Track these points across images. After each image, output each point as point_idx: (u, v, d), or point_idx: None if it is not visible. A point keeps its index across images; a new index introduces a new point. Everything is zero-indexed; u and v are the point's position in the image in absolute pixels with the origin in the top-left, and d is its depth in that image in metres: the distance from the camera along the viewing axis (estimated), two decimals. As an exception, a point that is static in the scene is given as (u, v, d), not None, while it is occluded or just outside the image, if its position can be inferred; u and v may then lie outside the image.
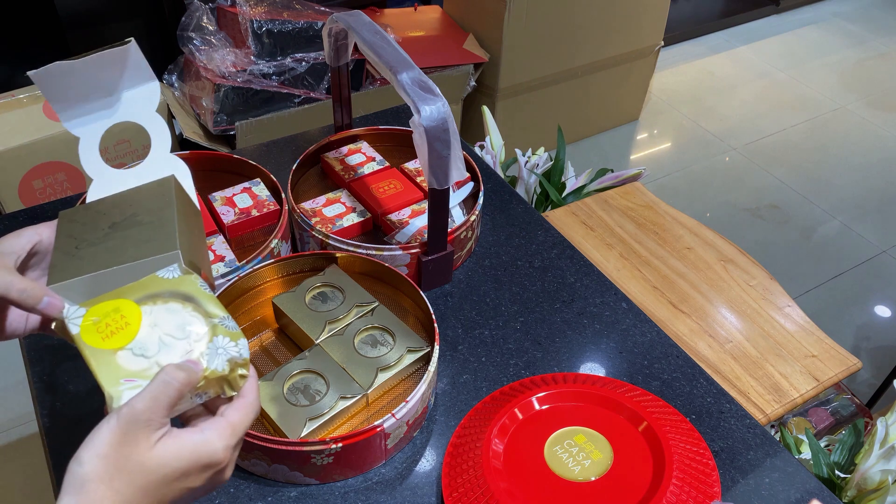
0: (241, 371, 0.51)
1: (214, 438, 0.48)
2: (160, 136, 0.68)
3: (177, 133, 2.04)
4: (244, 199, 1.06)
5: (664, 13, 2.55)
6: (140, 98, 0.68)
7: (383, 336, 0.88)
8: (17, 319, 0.57)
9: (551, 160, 1.80)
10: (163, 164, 0.66)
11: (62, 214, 0.58)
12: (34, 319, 0.58)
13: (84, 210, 0.58)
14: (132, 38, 0.64)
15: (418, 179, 1.12)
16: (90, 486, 0.44)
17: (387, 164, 1.15)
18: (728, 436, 0.85)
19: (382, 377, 0.83)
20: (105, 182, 0.64)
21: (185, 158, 1.11)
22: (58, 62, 0.61)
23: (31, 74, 0.61)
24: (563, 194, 1.79)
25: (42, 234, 0.58)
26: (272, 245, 0.96)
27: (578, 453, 0.77)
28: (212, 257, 0.96)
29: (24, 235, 0.57)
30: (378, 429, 0.76)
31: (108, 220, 0.56)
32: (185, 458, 0.47)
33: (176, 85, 2.06)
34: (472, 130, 2.42)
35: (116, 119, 0.67)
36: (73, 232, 0.56)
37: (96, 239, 0.55)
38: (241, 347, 0.50)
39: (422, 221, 1.04)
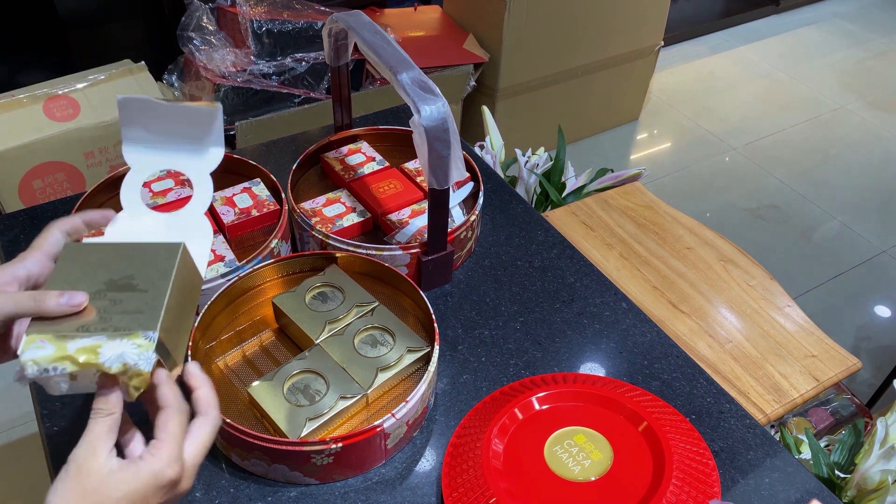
0: (134, 382, 0.53)
1: (154, 462, 0.51)
2: (202, 197, 0.70)
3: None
4: (244, 199, 1.06)
5: (664, 13, 2.55)
6: (202, 158, 0.70)
7: (383, 336, 0.88)
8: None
9: (551, 160, 1.80)
10: (191, 223, 0.69)
11: (68, 247, 0.59)
12: None
13: (88, 251, 0.59)
14: (220, 105, 0.67)
15: (418, 179, 1.12)
16: None
17: (387, 164, 1.15)
18: (728, 436, 0.85)
19: (382, 377, 0.83)
20: (131, 218, 0.67)
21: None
22: (148, 97, 0.64)
23: (119, 99, 0.64)
24: (563, 194, 1.79)
25: (31, 270, 0.58)
26: (272, 245, 0.96)
27: (578, 453, 0.77)
28: (212, 257, 0.96)
29: (14, 269, 0.58)
30: (378, 429, 0.76)
31: (106, 275, 0.57)
32: (135, 483, 0.50)
33: (176, 85, 2.06)
34: (472, 130, 2.42)
35: (173, 166, 0.70)
36: (71, 277, 0.57)
37: (89, 294, 0.56)
38: (142, 359, 0.52)
39: (422, 221, 1.04)
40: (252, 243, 1.04)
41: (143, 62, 1.96)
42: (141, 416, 0.57)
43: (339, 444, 0.74)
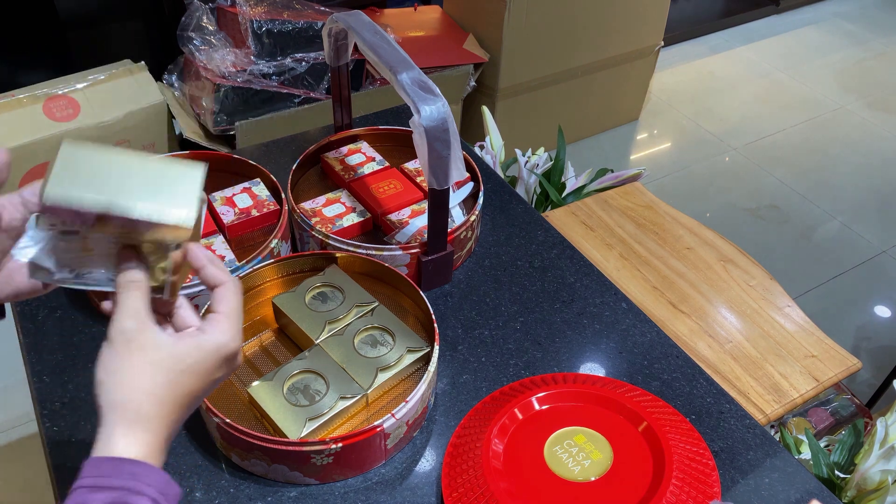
0: (162, 264, 0.51)
1: (218, 335, 0.51)
2: None
3: (177, 133, 2.04)
4: (244, 199, 1.06)
5: (664, 13, 2.55)
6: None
7: (383, 336, 0.88)
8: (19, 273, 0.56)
9: (551, 160, 1.80)
10: None
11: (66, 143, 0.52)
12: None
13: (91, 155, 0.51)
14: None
15: (418, 179, 1.12)
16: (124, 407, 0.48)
17: (387, 164, 1.15)
18: (728, 436, 0.85)
19: (382, 377, 0.83)
20: None
21: (185, 158, 1.12)
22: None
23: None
24: (563, 194, 1.79)
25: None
26: (272, 245, 0.96)
27: (578, 453, 0.77)
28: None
29: None
30: (378, 429, 0.76)
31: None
32: (204, 355, 0.50)
33: (176, 85, 2.06)
34: (472, 130, 2.42)
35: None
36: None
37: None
38: (183, 219, 0.50)
39: (422, 221, 1.04)
40: (252, 243, 1.04)
41: (143, 62, 1.96)
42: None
43: (339, 444, 0.74)
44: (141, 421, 0.47)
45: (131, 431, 0.47)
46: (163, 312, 0.54)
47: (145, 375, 0.48)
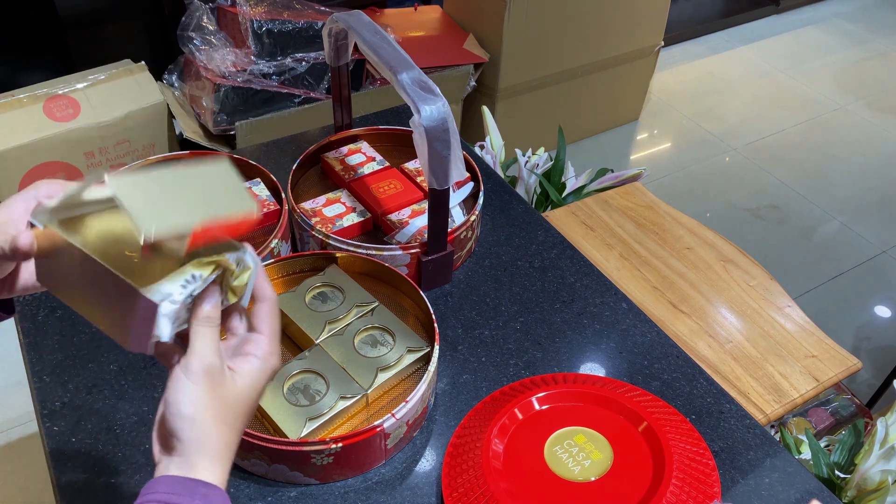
0: (236, 282, 0.53)
1: (268, 358, 0.54)
2: None
3: (177, 133, 2.04)
4: (244, 199, 1.06)
5: (664, 13, 2.55)
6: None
7: (383, 336, 0.88)
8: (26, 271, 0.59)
9: (551, 160, 1.80)
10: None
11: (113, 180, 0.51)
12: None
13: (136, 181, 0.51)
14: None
15: (418, 179, 1.12)
16: (204, 440, 0.50)
17: (387, 164, 1.15)
18: (728, 436, 0.85)
19: (382, 377, 0.83)
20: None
21: (185, 159, 1.12)
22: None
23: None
24: (563, 194, 1.79)
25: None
26: (272, 245, 0.96)
27: (578, 453, 0.77)
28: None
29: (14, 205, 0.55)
30: (378, 429, 0.76)
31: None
32: (258, 381, 0.53)
33: (176, 85, 2.06)
34: (472, 130, 2.42)
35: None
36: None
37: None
38: (247, 255, 0.53)
39: (422, 221, 1.04)
40: (252, 243, 1.04)
41: (143, 62, 1.96)
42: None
43: (339, 444, 0.74)
44: (223, 454, 0.51)
45: (213, 464, 0.50)
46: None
47: (228, 412, 0.51)
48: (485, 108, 1.82)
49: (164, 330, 0.49)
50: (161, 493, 0.47)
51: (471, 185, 1.12)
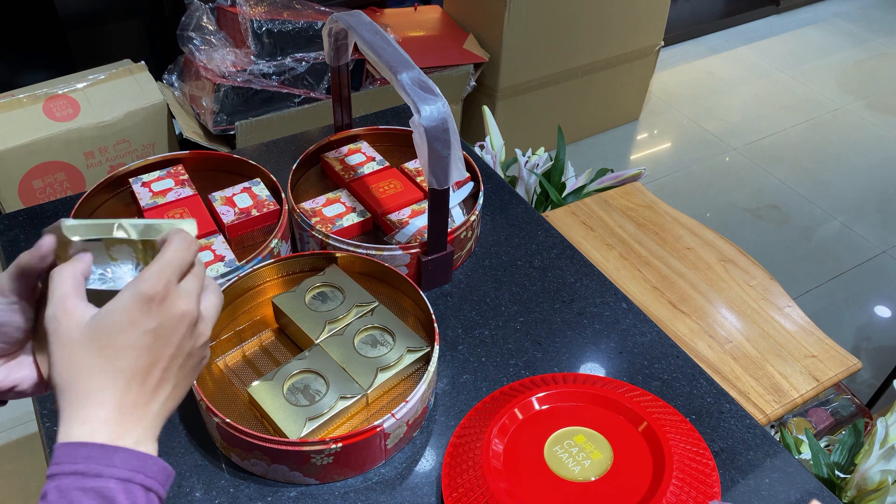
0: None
1: (136, 280, 0.48)
2: None
3: (177, 133, 2.04)
4: (244, 198, 1.06)
5: (664, 13, 2.55)
6: None
7: (383, 336, 0.88)
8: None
9: (551, 160, 1.80)
10: None
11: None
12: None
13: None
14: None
15: (418, 179, 1.12)
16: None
17: (387, 164, 1.15)
18: (728, 436, 0.85)
19: (382, 377, 0.83)
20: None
21: (185, 158, 1.12)
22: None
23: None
24: (563, 194, 1.79)
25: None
26: (272, 245, 0.96)
27: (578, 453, 0.77)
28: (211, 257, 0.96)
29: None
30: (378, 429, 0.76)
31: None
32: (122, 301, 0.47)
33: (176, 85, 2.07)
34: (472, 130, 2.42)
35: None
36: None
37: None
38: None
39: (422, 221, 1.04)
40: (252, 243, 1.04)
41: (143, 62, 1.96)
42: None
43: (339, 444, 0.74)
44: (82, 399, 0.46)
45: (79, 412, 0.46)
46: None
47: (74, 354, 0.47)
48: (485, 108, 1.82)
49: None
50: (51, 466, 0.44)
51: (471, 185, 1.12)
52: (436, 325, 0.86)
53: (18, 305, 0.53)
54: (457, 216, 1.06)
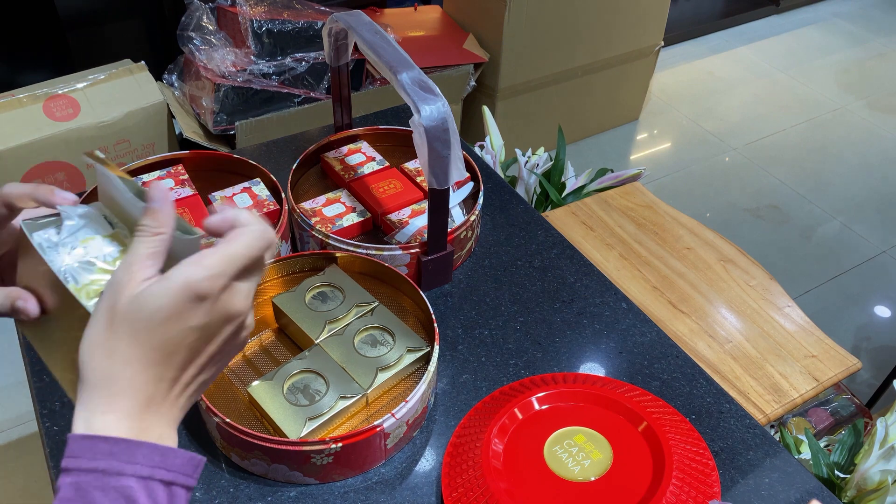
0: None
1: (194, 267, 0.43)
2: None
3: (177, 133, 2.04)
4: (244, 198, 1.06)
5: (664, 13, 2.55)
6: None
7: (383, 336, 0.88)
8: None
9: (551, 160, 1.80)
10: None
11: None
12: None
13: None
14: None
15: (418, 179, 1.12)
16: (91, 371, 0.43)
17: (387, 164, 1.15)
18: (728, 436, 0.85)
19: (382, 377, 0.83)
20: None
21: (185, 158, 1.12)
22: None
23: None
24: (563, 194, 1.79)
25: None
26: (272, 245, 0.96)
27: (578, 453, 0.77)
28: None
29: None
30: (378, 429, 0.76)
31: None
32: (172, 287, 0.43)
33: (176, 85, 2.06)
34: (472, 130, 2.42)
35: None
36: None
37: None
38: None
39: (422, 221, 1.04)
40: (252, 243, 1.04)
41: (143, 62, 1.96)
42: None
43: (339, 444, 0.74)
44: (109, 385, 0.43)
45: (103, 401, 0.43)
46: None
47: (111, 333, 0.43)
48: (485, 108, 1.82)
49: None
50: (65, 459, 0.42)
51: (471, 185, 1.12)
52: (436, 324, 0.86)
53: None
54: (457, 216, 1.06)
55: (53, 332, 0.51)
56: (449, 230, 0.96)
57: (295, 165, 1.10)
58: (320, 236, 0.98)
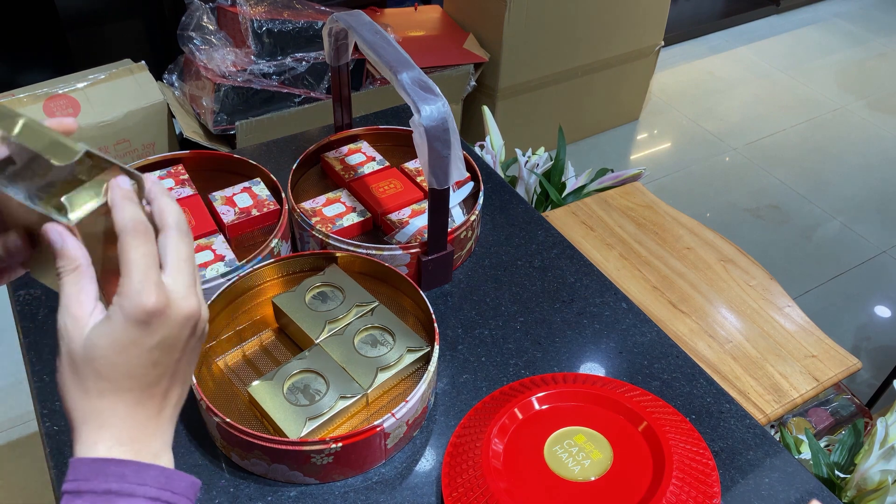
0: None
1: (129, 296, 0.43)
2: None
3: (177, 133, 2.05)
4: (244, 198, 1.06)
5: (664, 13, 2.55)
6: None
7: (383, 336, 0.88)
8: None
9: (551, 160, 1.80)
10: None
11: None
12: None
13: None
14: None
15: (418, 179, 1.12)
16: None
17: (387, 163, 1.15)
18: (728, 436, 0.85)
19: (382, 377, 0.83)
20: None
21: (185, 158, 1.12)
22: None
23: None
24: (563, 194, 1.79)
25: None
26: (272, 245, 0.96)
27: (578, 453, 0.77)
28: (212, 257, 0.96)
29: None
30: (378, 428, 0.76)
31: None
32: (115, 322, 0.44)
33: (176, 84, 2.06)
34: (472, 130, 2.42)
35: None
36: None
37: None
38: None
39: (422, 221, 1.04)
40: (252, 243, 1.04)
41: (143, 62, 1.96)
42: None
43: (339, 444, 0.74)
44: (94, 418, 0.44)
45: (91, 433, 0.44)
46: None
47: (78, 375, 0.45)
48: (485, 108, 1.82)
49: None
50: (69, 482, 0.43)
51: (471, 184, 1.12)
52: (436, 324, 0.86)
53: None
54: (457, 216, 1.06)
55: (49, 258, 0.51)
56: (449, 230, 0.96)
57: (295, 165, 1.10)
58: (320, 236, 0.98)
